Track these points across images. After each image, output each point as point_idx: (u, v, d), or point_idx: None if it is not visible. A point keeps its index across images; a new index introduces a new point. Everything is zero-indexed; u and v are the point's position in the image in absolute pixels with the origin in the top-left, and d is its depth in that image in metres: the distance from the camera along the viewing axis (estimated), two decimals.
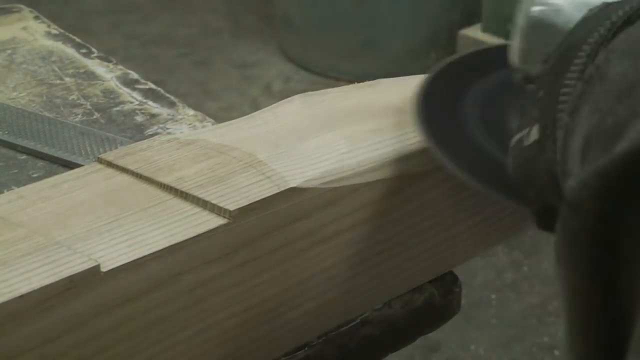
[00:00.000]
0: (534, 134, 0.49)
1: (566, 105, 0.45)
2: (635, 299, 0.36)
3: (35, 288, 0.48)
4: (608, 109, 0.39)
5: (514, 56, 0.58)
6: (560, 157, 0.45)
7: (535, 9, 0.56)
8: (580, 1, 0.55)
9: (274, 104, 0.68)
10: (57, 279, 0.49)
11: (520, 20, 0.57)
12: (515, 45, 0.58)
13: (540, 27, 0.56)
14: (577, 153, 0.42)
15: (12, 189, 0.64)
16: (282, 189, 0.57)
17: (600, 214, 0.36)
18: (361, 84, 0.72)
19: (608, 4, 0.50)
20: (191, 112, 0.83)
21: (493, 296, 1.91)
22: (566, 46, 0.49)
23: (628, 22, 0.45)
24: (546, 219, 0.48)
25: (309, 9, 2.63)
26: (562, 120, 0.45)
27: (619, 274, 0.36)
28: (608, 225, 0.36)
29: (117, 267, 0.51)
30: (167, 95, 0.86)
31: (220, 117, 2.17)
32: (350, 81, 0.76)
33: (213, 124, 0.79)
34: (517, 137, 0.51)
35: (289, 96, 0.69)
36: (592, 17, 0.49)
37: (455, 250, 0.69)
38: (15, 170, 0.73)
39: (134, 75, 0.89)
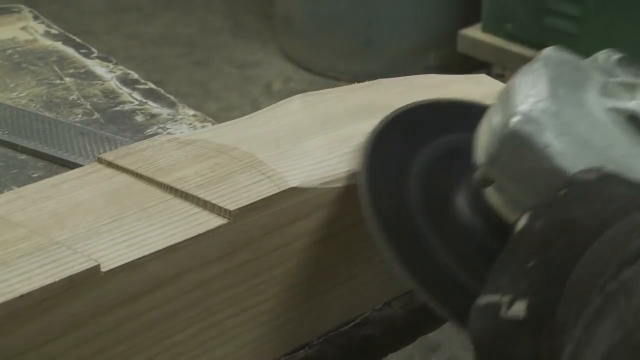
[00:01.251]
0: (519, 309, 0.45)
1: (574, 313, 0.42)
2: None
3: (35, 288, 0.48)
4: (636, 328, 0.38)
5: (480, 155, 0.55)
6: None
7: (518, 120, 0.52)
8: (563, 129, 0.51)
9: (274, 104, 0.68)
10: (57, 279, 0.49)
11: (497, 122, 0.53)
12: (484, 146, 0.54)
13: (517, 140, 0.52)
14: None
15: (12, 189, 0.64)
16: (282, 189, 0.57)
17: None
18: (361, 84, 0.72)
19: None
20: (191, 112, 0.83)
21: None
22: (573, 226, 0.45)
23: None
24: None
25: (309, 9, 2.63)
26: (574, 332, 0.41)
27: None
28: None
29: (117, 267, 0.51)
30: (167, 95, 0.86)
31: (220, 117, 2.17)
32: (350, 81, 0.76)
33: (213, 124, 0.79)
34: (490, 298, 0.46)
35: (289, 96, 0.69)
36: (606, 209, 0.45)
37: None
38: (15, 170, 0.73)
39: (134, 75, 0.89)
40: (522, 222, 0.48)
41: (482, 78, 0.75)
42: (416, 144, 0.62)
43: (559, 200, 0.48)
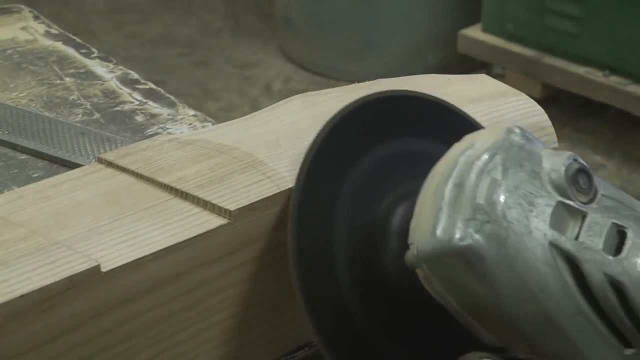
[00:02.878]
0: None
1: None
2: None
3: (36, 288, 0.48)
4: None
5: (415, 245, 0.52)
6: None
7: (463, 242, 0.50)
8: (505, 260, 0.50)
9: (274, 104, 0.68)
10: (57, 279, 0.49)
11: (443, 226, 0.50)
12: (422, 238, 0.51)
13: (457, 258, 0.50)
14: None
15: (12, 189, 0.64)
16: (282, 189, 0.57)
17: None
18: (361, 84, 0.72)
19: None
20: (191, 112, 0.83)
21: None
22: None
23: None
24: None
25: (309, 9, 2.63)
26: None
27: None
28: None
29: (117, 267, 0.51)
30: (167, 95, 0.86)
31: (220, 117, 2.16)
32: (350, 81, 0.76)
33: (213, 124, 0.79)
34: None
35: (289, 96, 0.69)
36: None
37: None
38: (15, 170, 0.73)
39: (134, 75, 0.89)
40: None
41: (482, 78, 0.75)
42: (353, 156, 0.58)
43: None
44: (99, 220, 0.55)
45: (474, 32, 2.35)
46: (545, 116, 0.70)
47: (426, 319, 0.57)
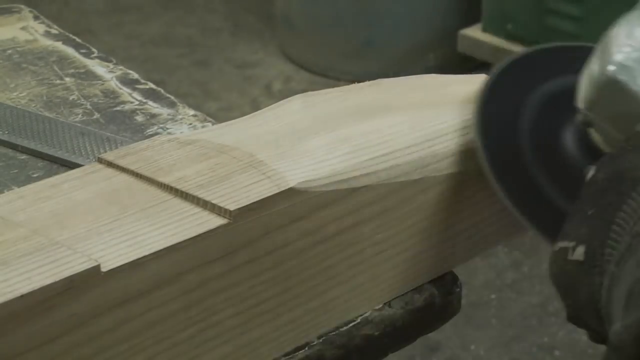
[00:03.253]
0: (579, 253, 0.51)
1: (614, 252, 0.48)
2: None
3: (36, 288, 0.48)
4: None
5: (580, 101, 0.59)
6: (605, 299, 0.49)
7: (613, 68, 0.57)
8: None
9: (274, 104, 0.68)
10: (57, 279, 0.49)
11: (595, 70, 0.58)
12: (583, 93, 0.59)
13: (614, 87, 0.56)
14: (621, 300, 0.46)
15: (12, 189, 0.64)
16: (282, 189, 0.57)
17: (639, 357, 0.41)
18: (361, 84, 0.72)
19: None
20: (191, 112, 0.83)
21: (493, 296, 1.91)
22: (622, 175, 0.51)
23: None
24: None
25: (309, 9, 2.63)
26: (609, 268, 0.48)
27: None
28: None
29: (117, 267, 0.51)
30: (167, 95, 0.86)
31: (220, 117, 2.16)
32: (350, 81, 0.76)
33: (213, 124, 0.79)
34: (561, 244, 0.53)
35: (289, 96, 0.69)
36: None
37: (455, 250, 0.69)
38: (15, 170, 0.73)
39: (134, 75, 0.89)
40: (590, 173, 0.53)
41: (482, 78, 0.74)
42: (528, 86, 0.67)
43: (617, 152, 0.53)
44: (99, 220, 0.55)
45: (474, 32, 2.35)
46: None
47: None
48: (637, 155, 0.52)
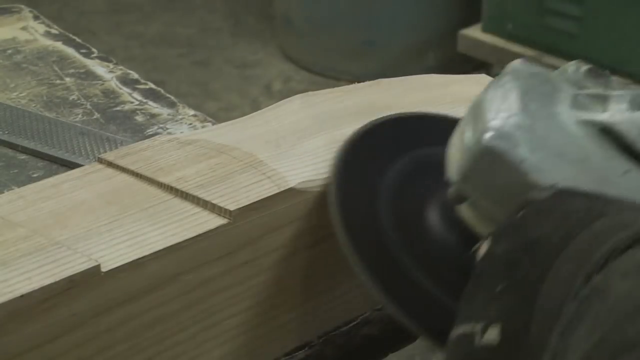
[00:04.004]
0: (492, 336, 0.44)
1: (545, 327, 0.42)
2: None
3: (36, 288, 0.48)
4: (613, 327, 0.39)
5: (453, 171, 0.54)
6: None
7: (491, 135, 0.51)
8: (537, 143, 0.51)
9: (274, 104, 0.68)
10: (57, 279, 0.49)
11: (469, 138, 0.53)
12: (455, 164, 0.54)
13: (491, 156, 0.51)
14: None
15: (12, 189, 0.64)
16: (282, 189, 0.57)
17: None
18: (361, 84, 0.72)
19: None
20: (191, 112, 0.83)
21: None
22: (536, 245, 0.45)
23: (628, 246, 0.42)
24: None
25: (309, 9, 2.63)
26: (550, 342, 0.41)
27: None
28: None
29: (117, 267, 0.51)
30: (167, 95, 0.86)
31: (220, 117, 2.16)
32: (350, 81, 0.76)
33: (213, 124, 0.79)
34: (463, 329, 0.46)
35: (289, 96, 0.69)
36: (566, 223, 0.45)
37: None
38: (15, 170, 0.73)
39: (134, 75, 0.89)
40: (484, 247, 0.48)
41: (482, 78, 0.75)
42: (387, 158, 0.61)
43: (518, 221, 0.47)
44: (99, 220, 0.55)
45: (474, 32, 2.34)
46: None
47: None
48: (547, 222, 0.46)
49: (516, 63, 0.55)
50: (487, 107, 0.53)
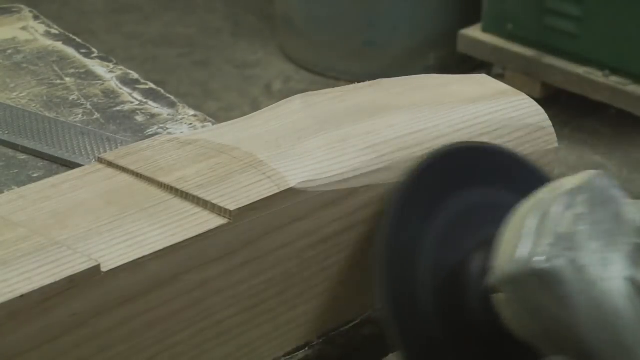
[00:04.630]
0: None
1: None
2: None
3: (36, 288, 0.48)
4: None
5: (496, 269, 0.55)
6: None
7: (546, 264, 0.52)
8: (584, 286, 0.52)
9: (274, 104, 0.68)
10: (57, 279, 0.49)
11: (524, 250, 0.53)
12: (503, 265, 0.54)
13: (538, 280, 0.52)
14: None
15: (12, 189, 0.64)
16: (283, 189, 0.57)
17: None
18: (361, 84, 0.72)
19: None
20: (191, 112, 0.83)
21: None
22: None
23: None
24: None
25: (309, 9, 2.63)
26: None
27: None
28: None
29: (117, 267, 0.51)
30: (167, 95, 0.86)
31: (220, 117, 2.16)
32: (350, 81, 0.76)
33: (213, 124, 0.79)
34: None
35: (289, 96, 0.69)
36: None
37: None
38: (16, 170, 0.73)
39: (134, 75, 0.89)
40: None
41: (482, 78, 0.75)
42: (437, 201, 0.62)
43: None
44: (99, 220, 0.55)
45: (474, 32, 2.34)
46: (545, 116, 0.70)
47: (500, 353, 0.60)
48: None
49: (596, 177, 0.56)
50: (553, 221, 0.54)
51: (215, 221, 0.55)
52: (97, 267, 0.50)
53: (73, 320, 0.50)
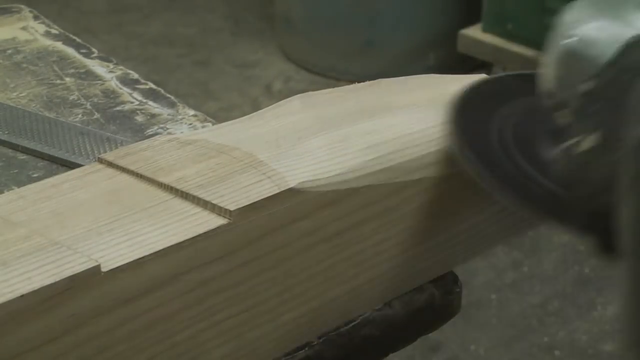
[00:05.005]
0: (589, 142, 0.55)
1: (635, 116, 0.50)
2: None
3: (36, 288, 0.48)
4: None
5: (547, 83, 0.62)
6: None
7: (568, 41, 0.60)
8: (612, 36, 0.58)
9: (274, 104, 0.68)
10: (57, 279, 0.49)
11: (553, 50, 0.61)
12: (547, 73, 0.62)
13: (573, 57, 0.60)
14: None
15: (12, 189, 0.64)
16: (283, 189, 0.57)
17: None
18: (361, 84, 0.72)
19: None
20: (191, 112, 0.83)
21: (493, 296, 1.91)
22: (619, 70, 0.55)
23: None
24: (594, 223, 0.55)
25: (309, 9, 2.63)
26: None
27: None
28: None
29: (117, 267, 0.51)
30: (167, 95, 0.86)
31: (220, 117, 2.16)
32: (350, 81, 0.76)
33: (213, 124, 0.79)
34: (563, 146, 0.57)
35: (289, 96, 0.69)
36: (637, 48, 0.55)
37: (455, 250, 0.69)
38: (15, 170, 0.73)
39: (134, 75, 0.89)
40: (586, 86, 0.57)
41: (482, 78, 0.74)
42: (496, 105, 0.67)
43: (616, 57, 0.56)
44: (99, 220, 0.55)
45: (474, 32, 2.35)
46: None
47: None
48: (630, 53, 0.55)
49: None
50: (566, 20, 0.61)
51: (215, 221, 0.55)
52: (97, 267, 0.50)
53: (73, 320, 0.50)
